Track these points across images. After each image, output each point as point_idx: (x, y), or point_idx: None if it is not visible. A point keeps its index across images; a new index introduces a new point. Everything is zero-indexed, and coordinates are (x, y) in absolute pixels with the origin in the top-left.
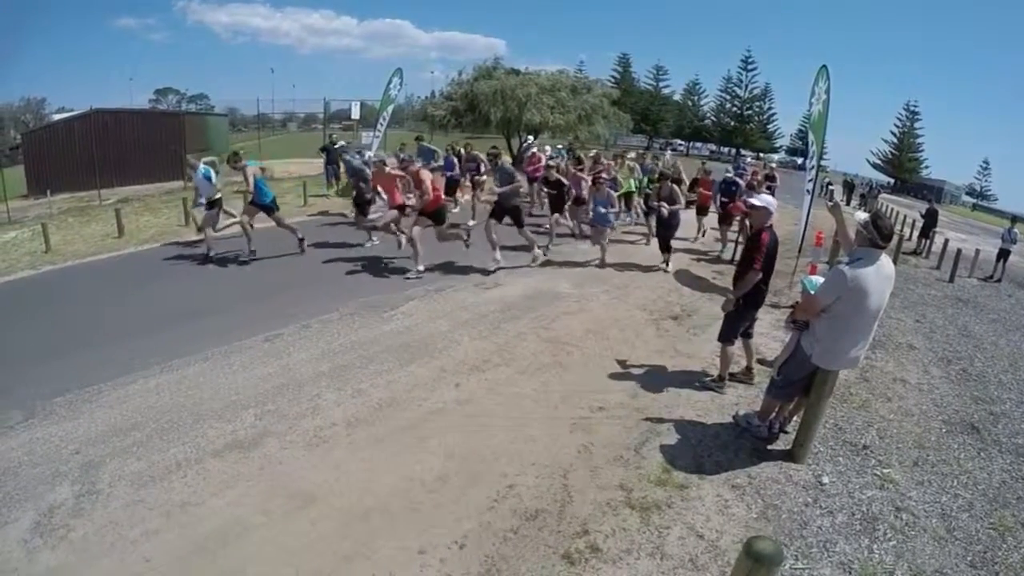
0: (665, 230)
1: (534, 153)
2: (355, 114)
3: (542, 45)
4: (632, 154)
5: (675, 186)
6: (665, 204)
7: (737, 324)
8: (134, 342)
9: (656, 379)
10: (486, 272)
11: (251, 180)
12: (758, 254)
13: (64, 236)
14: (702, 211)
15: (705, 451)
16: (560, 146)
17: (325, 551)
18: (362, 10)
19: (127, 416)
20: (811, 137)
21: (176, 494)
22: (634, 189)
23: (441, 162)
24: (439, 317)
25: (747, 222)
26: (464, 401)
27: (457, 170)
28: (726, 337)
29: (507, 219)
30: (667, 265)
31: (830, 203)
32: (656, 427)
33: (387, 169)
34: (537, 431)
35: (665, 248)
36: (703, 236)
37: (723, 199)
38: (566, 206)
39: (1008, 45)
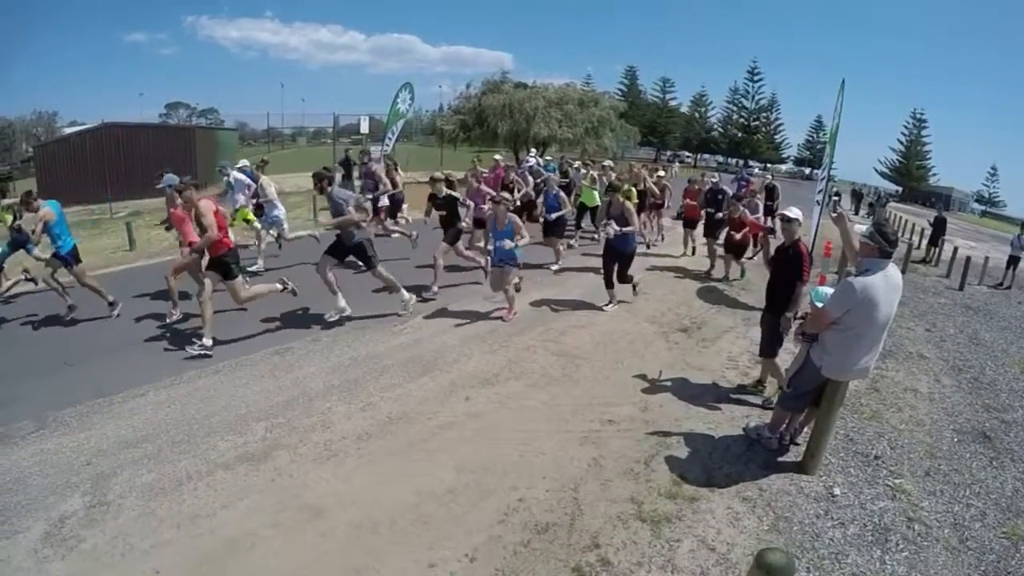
0: (611, 258)
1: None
2: (364, 128)
3: (549, 58)
4: (608, 162)
5: (628, 203)
6: (614, 224)
7: (781, 336)
8: (144, 355)
9: (666, 392)
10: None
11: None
12: (806, 265)
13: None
14: (690, 224)
15: (715, 463)
16: (549, 158)
17: (334, 564)
18: (369, 25)
19: (138, 428)
20: (828, 149)
21: (186, 506)
22: (599, 202)
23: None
24: (448, 331)
25: (764, 239)
26: (474, 415)
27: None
28: (773, 351)
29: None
30: (610, 304)
31: (834, 213)
32: (666, 440)
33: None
34: (547, 444)
35: (610, 282)
36: (692, 253)
37: (708, 209)
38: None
39: (1014, 50)
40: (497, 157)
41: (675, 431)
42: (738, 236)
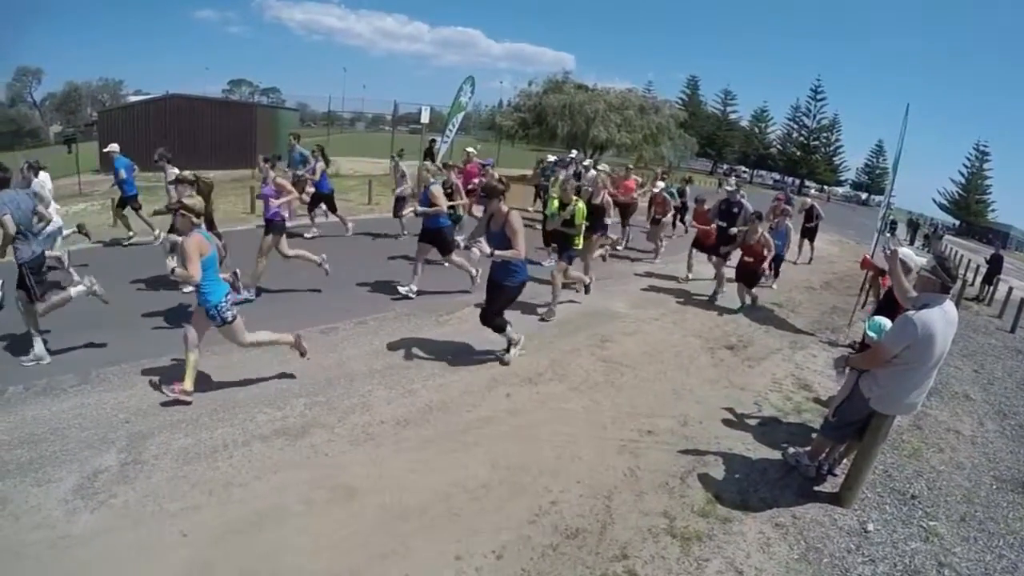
0: (488, 290)
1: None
2: (424, 118)
3: (611, 62)
4: (604, 166)
5: (514, 216)
6: (483, 244)
7: None
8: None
9: (707, 408)
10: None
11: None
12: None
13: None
14: (698, 245)
15: (751, 486)
16: (575, 153)
17: (361, 546)
18: (435, 17)
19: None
20: (891, 176)
21: (220, 473)
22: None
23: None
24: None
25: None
26: (514, 412)
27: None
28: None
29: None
30: (510, 351)
31: (888, 251)
32: (703, 457)
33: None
34: (584, 449)
35: (493, 325)
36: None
37: (720, 223)
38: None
39: None
40: (470, 150)
41: (713, 449)
42: (751, 262)
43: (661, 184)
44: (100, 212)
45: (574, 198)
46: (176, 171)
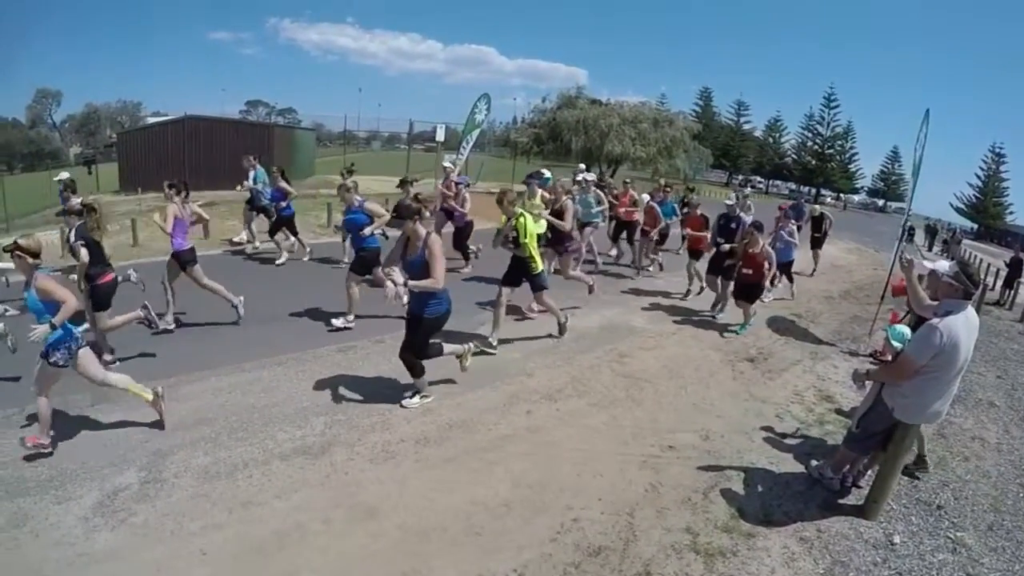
0: (409, 336)
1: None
2: (440, 136)
3: (624, 75)
4: (589, 175)
5: (434, 240)
6: (396, 273)
7: None
8: (209, 341)
9: (729, 422)
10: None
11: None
12: None
13: (151, 232)
14: (694, 255)
15: (774, 500)
16: (582, 167)
17: (382, 566)
18: (448, 35)
19: (199, 411)
20: (912, 182)
21: (240, 492)
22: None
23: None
24: (512, 343)
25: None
26: (534, 429)
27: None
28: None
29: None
30: (414, 399)
31: (906, 261)
32: (726, 471)
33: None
34: (605, 466)
35: (407, 362)
36: (699, 292)
37: (719, 239)
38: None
39: None
40: (446, 165)
41: (735, 463)
42: (751, 274)
43: (646, 197)
44: (120, 232)
45: (516, 210)
46: (77, 200)
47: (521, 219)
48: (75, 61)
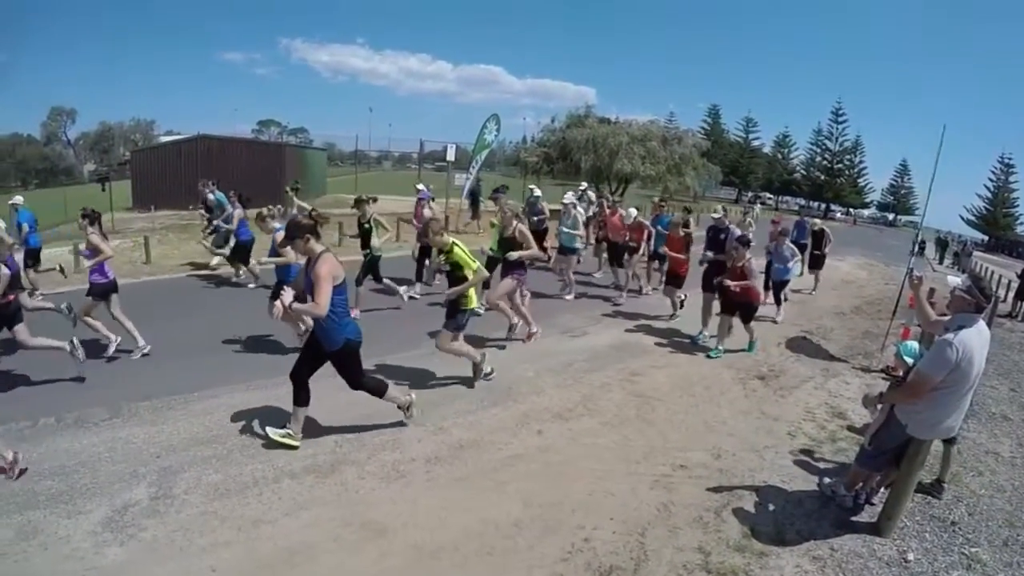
0: (338, 371)
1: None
2: (450, 156)
3: (632, 94)
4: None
5: (330, 263)
6: (287, 293)
7: None
8: (220, 358)
9: (740, 440)
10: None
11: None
12: None
13: (164, 250)
14: (674, 281)
15: (787, 518)
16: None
17: None
18: (457, 56)
19: (210, 428)
20: (927, 197)
21: (250, 509)
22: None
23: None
24: (524, 362)
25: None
26: (545, 449)
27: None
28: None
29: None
30: (408, 413)
31: (916, 278)
32: (738, 490)
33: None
34: (617, 485)
35: (364, 389)
36: (681, 308)
37: (707, 253)
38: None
39: None
40: (419, 187)
41: (748, 482)
42: (735, 288)
43: (634, 211)
44: (133, 249)
45: (448, 240)
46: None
47: (456, 250)
48: (89, 79)
